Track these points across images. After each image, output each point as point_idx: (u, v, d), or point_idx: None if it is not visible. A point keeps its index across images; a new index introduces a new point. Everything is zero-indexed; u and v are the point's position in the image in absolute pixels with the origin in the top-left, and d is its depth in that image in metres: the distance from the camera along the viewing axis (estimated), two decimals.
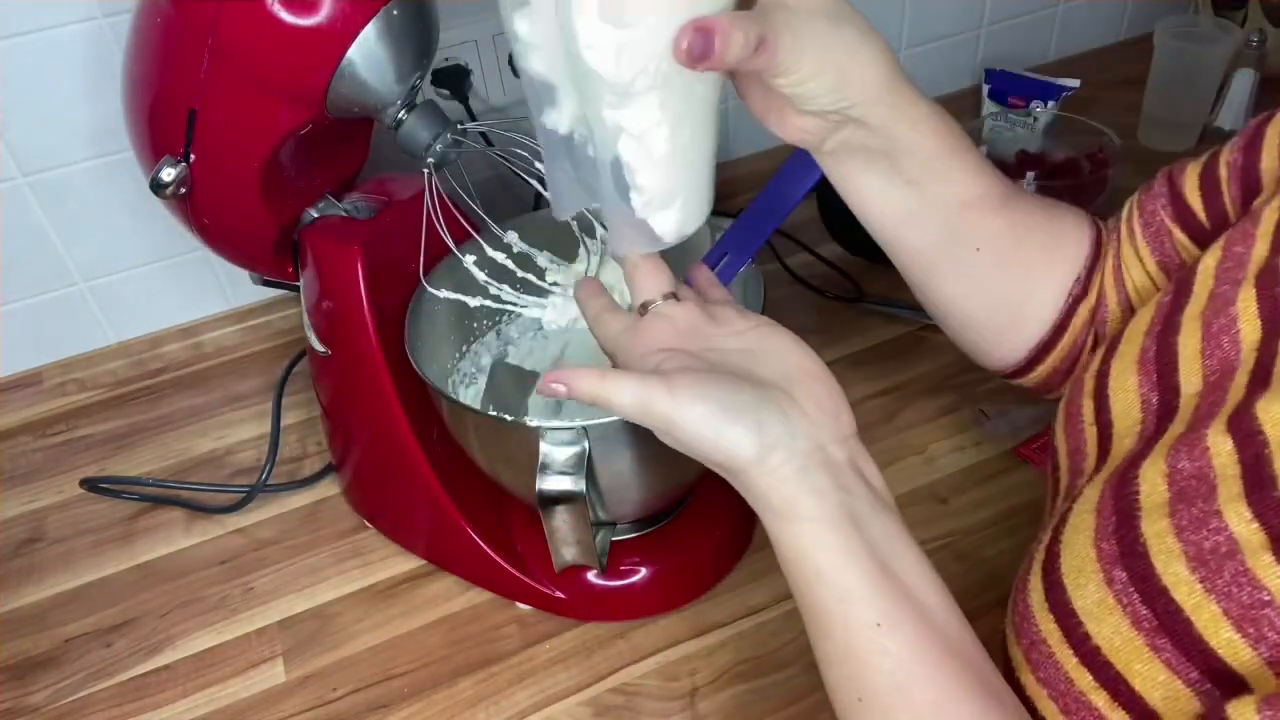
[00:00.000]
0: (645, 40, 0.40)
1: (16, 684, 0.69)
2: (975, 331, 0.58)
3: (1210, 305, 0.42)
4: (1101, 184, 0.89)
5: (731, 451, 0.42)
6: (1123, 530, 0.38)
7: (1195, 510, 0.36)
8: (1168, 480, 0.38)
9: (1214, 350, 0.41)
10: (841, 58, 0.46)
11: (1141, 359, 0.45)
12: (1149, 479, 0.39)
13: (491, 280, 0.68)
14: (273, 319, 1.00)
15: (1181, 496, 0.37)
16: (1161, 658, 0.36)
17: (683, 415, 0.41)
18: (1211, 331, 0.42)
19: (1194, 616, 0.35)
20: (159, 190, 0.64)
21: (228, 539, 0.79)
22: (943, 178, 0.52)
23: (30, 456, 0.88)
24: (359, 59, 0.59)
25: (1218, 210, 0.49)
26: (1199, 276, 0.44)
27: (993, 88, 1.13)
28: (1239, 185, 0.48)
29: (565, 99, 0.46)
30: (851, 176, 0.52)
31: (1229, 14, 1.12)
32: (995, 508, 0.73)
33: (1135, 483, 0.39)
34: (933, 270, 0.55)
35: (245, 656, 0.70)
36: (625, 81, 0.41)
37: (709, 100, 0.45)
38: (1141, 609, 0.36)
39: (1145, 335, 0.45)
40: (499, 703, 0.65)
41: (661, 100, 0.42)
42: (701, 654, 0.66)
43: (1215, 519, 0.35)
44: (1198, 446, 0.38)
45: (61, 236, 0.90)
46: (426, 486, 0.70)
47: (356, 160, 0.75)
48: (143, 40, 0.64)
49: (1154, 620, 0.36)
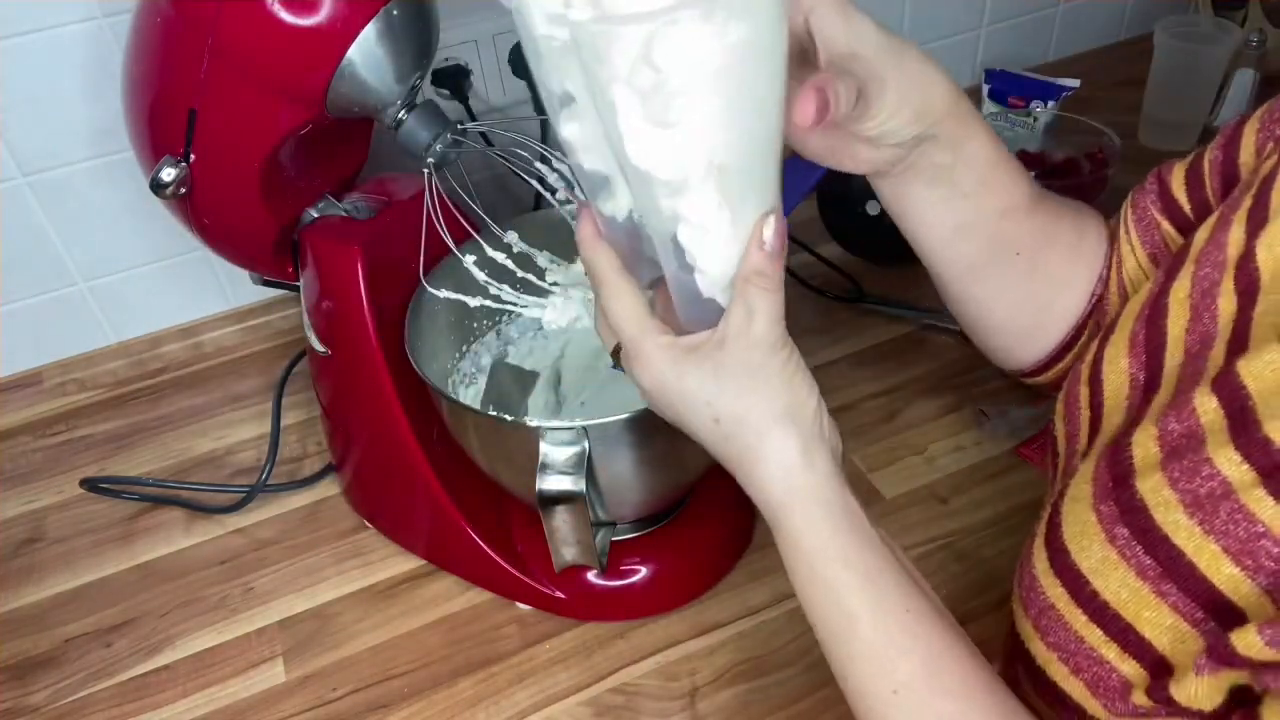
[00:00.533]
0: (697, 135, 0.38)
1: (16, 684, 0.69)
2: (1005, 335, 0.59)
3: (1196, 288, 0.45)
4: (1101, 184, 0.89)
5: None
6: (1119, 491, 0.40)
7: (1186, 462, 0.38)
8: (1158, 442, 0.40)
9: (1196, 327, 0.44)
10: (914, 88, 0.47)
11: (1132, 342, 0.46)
12: (1141, 443, 0.41)
13: (491, 280, 0.68)
14: (273, 319, 1.00)
15: (1173, 454, 0.39)
16: (1168, 602, 0.38)
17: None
18: (1197, 312, 0.44)
19: (1195, 558, 0.37)
20: (159, 190, 0.64)
21: (228, 539, 0.79)
22: (992, 187, 0.53)
23: (30, 456, 0.88)
24: (359, 59, 0.59)
25: (1200, 201, 0.52)
26: (1185, 263, 0.46)
27: (993, 88, 1.12)
28: (1219, 178, 0.50)
29: (620, 188, 0.44)
30: (911, 194, 0.53)
31: (1229, 14, 1.12)
32: (995, 508, 0.73)
33: (1129, 448, 0.41)
34: (974, 278, 0.57)
35: (245, 656, 0.70)
36: (679, 180, 0.39)
37: (770, 174, 0.42)
38: (1145, 559, 0.38)
39: (1135, 320, 0.47)
40: (499, 703, 0.65)
41: (720, 185, 0.40)
42: (701, 654, 0.66)
43: (1206, 466, 0.38)
44: (1185, 408, 0.40)
45: (61, 236, 0.90)
46: (426, 486, 0.70)
47: (356, 160, 0.75)
48: (143, 40, 0.64)
49: (1158, 568, 0.38)
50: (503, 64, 0.95)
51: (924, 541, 0.71)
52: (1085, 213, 0.57)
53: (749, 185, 0.41)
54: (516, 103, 0.98)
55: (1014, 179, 0.54)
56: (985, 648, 0.66)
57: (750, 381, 0.43)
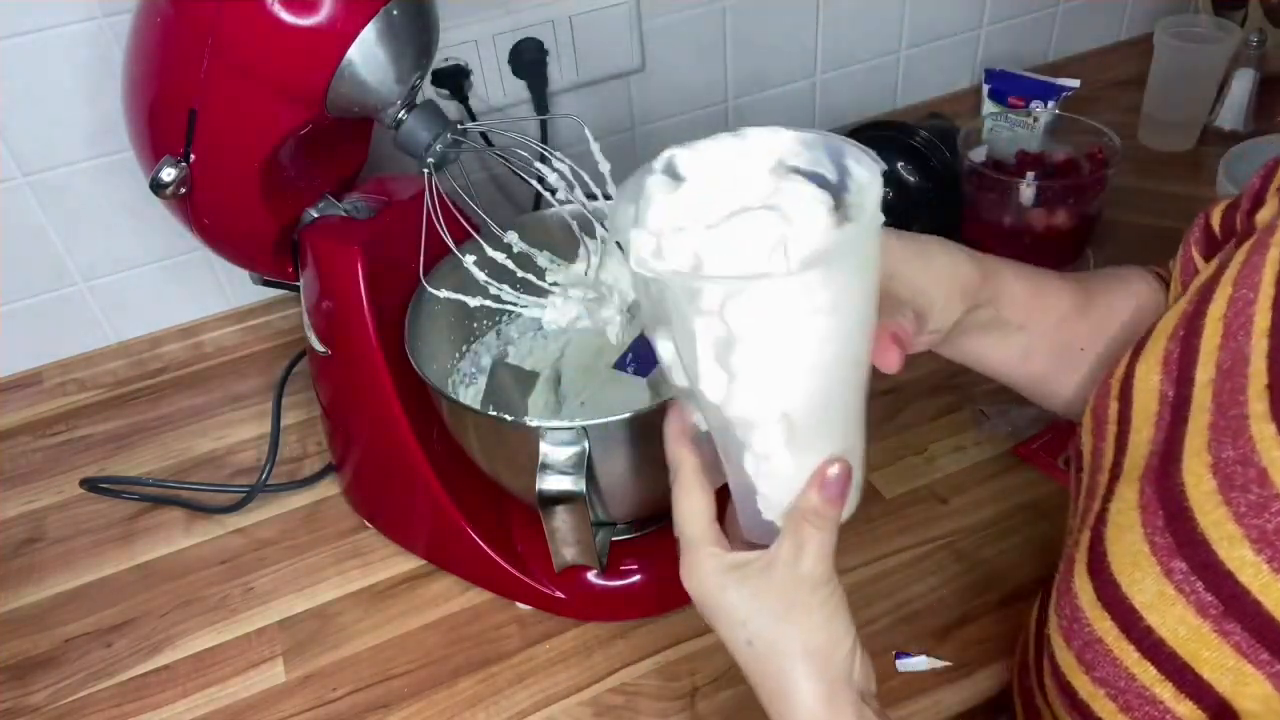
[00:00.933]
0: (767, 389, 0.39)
1: (16, 684, 0.69)
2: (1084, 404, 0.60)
3: (1231, 308, 0.44)
4: (1101, 184, 0.89)
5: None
6: (1176, 523, 0.39)
7: (1252, 496, 0.37)
8: (1212, 470, 0.39)
9: (1228, 344, 0.43)
10: (947, 279, 0.50)
11: (1165, 359, 0.46)
12: (1193, 471, 0.40)
13: (491, 280, 0.67)
14: (273, 319, 1.00)
15: (1230, 484, 0.38)
16: (1230, 642, 0.37)
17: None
18: (1230, 330, 0.43)
19: (1262, 597, 0.36)
20: (159, 190, 0.64)
21: (228, 539, 0.79)
22: (1039, 308, 0.55)
23: (30, 456, 0.88)
24: (359, 59, 0.59)
25: (1229, 226, 0.52)
26: (1221, 284, 0.45)
27: (993, 88, 1.12)
28: (1251, 200, 0.50)
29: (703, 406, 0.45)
30: (969, 347, 0.56)
31: (1229, 14, 1.12)
32: (995, 508, 0.73)
33: (1178, 476, 0.40)
34: (1049, 381, 0.58)
35: (245, 656, 0.70)
36: (746, 419, 0.40)
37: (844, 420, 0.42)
38: (1206, 596, 0.37)
39: (1169, 339, 0.46)
40: (499, 703, 0.65)
41: (787, 431, 0.40)
42: (701, 654, 0.66)
43: (1275, 502, 0.36)
44: (1242, 435, 0.38)
45: (61, 236, 0.90)
46: (426, 486, 0.70)
47: (356, 160, 0.75)
48: (143, 40, 0.64)
49: (1220, 606, 0.37)
50: (503, 64, 0.95)
51: (924, 541, 0.71)
52: (1132, 277, 0.58)
53: (817, 433, 0.41)
54: (516, 103, 0.98)
55: (1057, 294, 0.55)
56: (985, 647, 0.66)
57: (788, 612, 0.43)
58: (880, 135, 0.93)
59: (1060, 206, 0.88)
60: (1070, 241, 0.91)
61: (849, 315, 0.38)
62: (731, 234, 0.37)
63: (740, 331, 0.36)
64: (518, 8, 0.93)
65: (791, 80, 1.12)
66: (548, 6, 0.94)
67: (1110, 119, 0.93)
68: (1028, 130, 1.00)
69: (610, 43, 0.98)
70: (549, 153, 0.66)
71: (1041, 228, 0.89)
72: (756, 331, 0.36)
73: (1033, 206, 0.88)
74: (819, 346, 0.38)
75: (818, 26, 1.08)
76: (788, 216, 0.37)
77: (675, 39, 1.02)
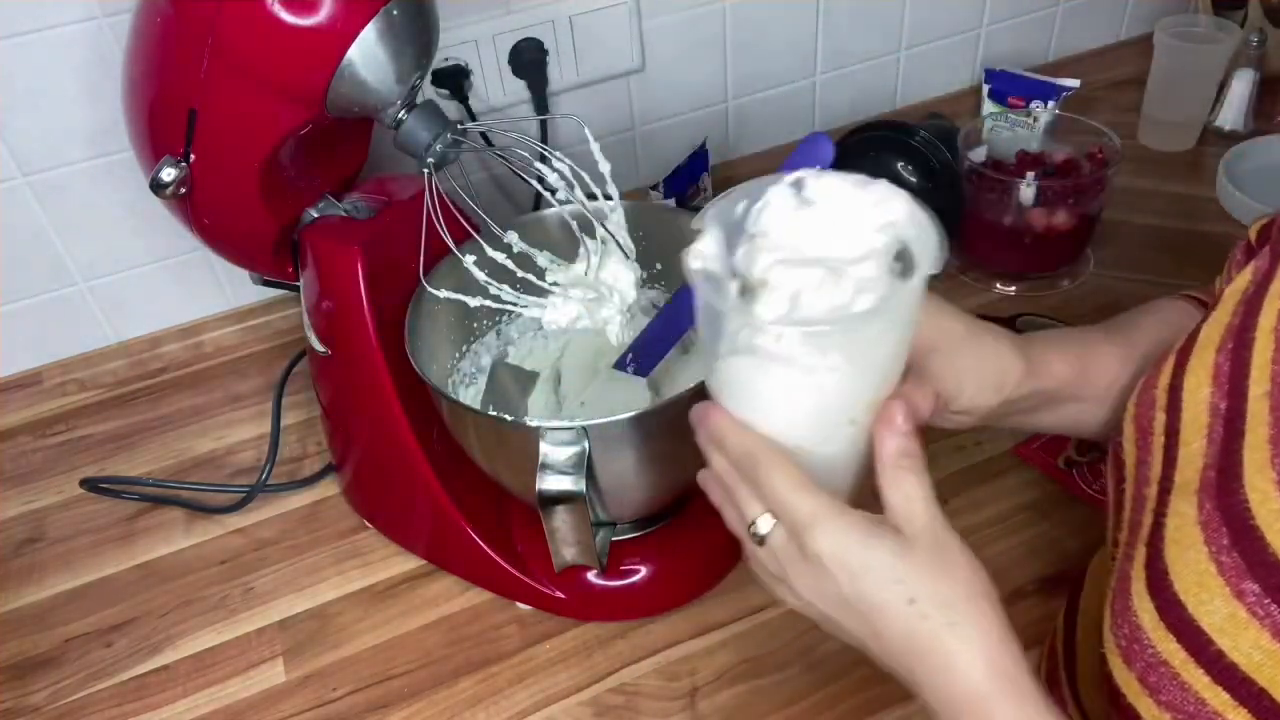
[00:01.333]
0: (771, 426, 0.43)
1: (16, 684, 0.69)
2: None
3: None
4: (1101, 184, 0.89)
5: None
6: (1243, 542, 0.38)
7: None
8: (1278, 485, 0.38)
9: None
10: (991, 370, 0.50)
11: (1216, 373, 0.45)
12: (1257, 488, 0.38)
13: (491, 280, 0.68)
14: (273, 319, 1.00)
15: None
16: None
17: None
18: None
19: None
20: (159, 190, 0.64)
21: (228, 539, 0.79)
22: (1090, 379, 0.55)
23: (30, 456, 0.88)
24: (359, 59, 0.59)
25: (1266, 238, 0.51)
26: (1269, 296, 0.44)
27: (993, 88, 1.12)
28: None
29: None
30: (1023, 422, 0.56)
31: (1229, 14, 1.12)
32: (995, 508, 0.73)
33: (1241, 493, 0.39)
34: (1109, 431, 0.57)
35: (245, 656, 0.70)
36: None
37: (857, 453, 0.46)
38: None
39: (1218, 352, 0.45)
40: (499, 703, 0.65)
41: (795, 458, 0.44)
42: (701, 654, 0.66)
43: None
44: None
45: (61, 236, 0.90)
46: (426, 486, 0.70)
47: (356, 160, 0.75)
48: (143, 40, 0.64)
49: None
50: (503, 64, 0.95)
51: None
52: (1170, 310, 0.58)
53: (819, 469, 0.44)
54: (516, 103, 0.98)
55: (1105, 359, 0.55)
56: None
57: (941, 561, 0.43)
58: (880, 135, 0.93)
59: (1060, 206, 0.88)
60: (1070, 241, 0.91)
61: (865, 371, 0.42)
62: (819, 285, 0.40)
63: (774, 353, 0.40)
64: (518, 8, 0.93)
65: (791, 80, 1.12)
66: (548, 6, 0.94)
67: (1110, 119, 0.93)
68: (1028, 130, 1.00)
69: (610, 43, 0.98)
70: (549, 153, 0.66)
71: (1041, 228, 0.89)
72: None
73: (1033, 206, 0.88)
74: (816, 402, 0.43)
75: (817, 26, 1.09)
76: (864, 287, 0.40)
77: (675, 39, 1.02)
